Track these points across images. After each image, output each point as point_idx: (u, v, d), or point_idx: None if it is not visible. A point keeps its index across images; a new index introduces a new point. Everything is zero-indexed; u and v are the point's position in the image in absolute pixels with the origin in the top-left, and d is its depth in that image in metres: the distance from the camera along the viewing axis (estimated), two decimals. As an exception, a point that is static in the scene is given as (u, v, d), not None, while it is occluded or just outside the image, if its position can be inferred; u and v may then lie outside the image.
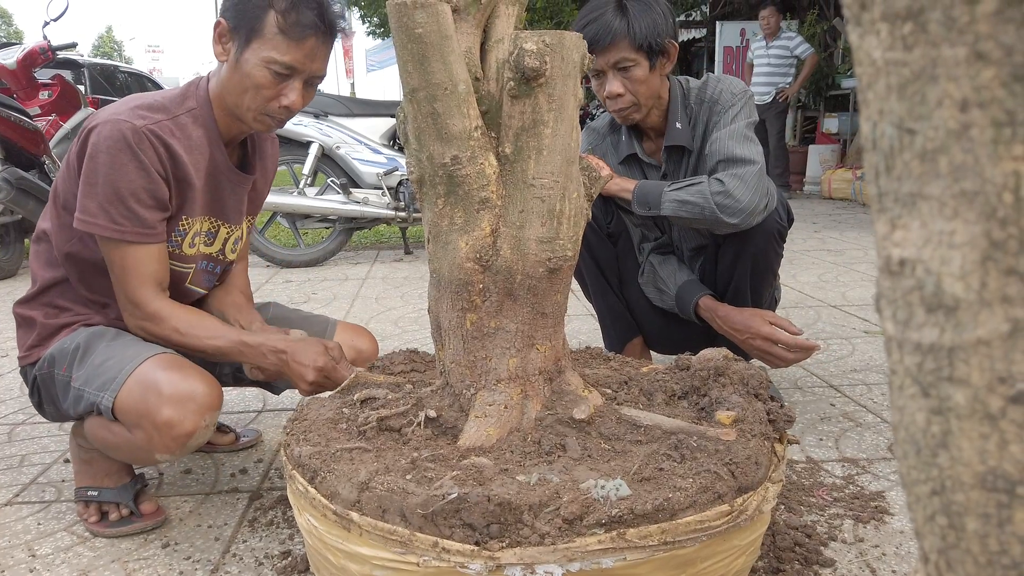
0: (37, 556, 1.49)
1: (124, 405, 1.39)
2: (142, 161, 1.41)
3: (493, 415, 1.20)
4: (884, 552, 1.42)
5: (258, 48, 1.43)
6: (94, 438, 1.53)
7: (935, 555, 0.42)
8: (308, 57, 1.46)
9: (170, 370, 1.41)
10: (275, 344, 1.50)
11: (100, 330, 1.55)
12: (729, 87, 1.92)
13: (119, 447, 1.48)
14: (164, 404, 1.36)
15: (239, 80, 1.47)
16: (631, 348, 2.22)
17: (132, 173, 1.41)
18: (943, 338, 0.37)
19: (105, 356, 1.47)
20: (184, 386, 1.39)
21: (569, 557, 0.96)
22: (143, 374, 1.40)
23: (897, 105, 0.36)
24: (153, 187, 1.44)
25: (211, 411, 1.41)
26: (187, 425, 1.37)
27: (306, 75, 1.49)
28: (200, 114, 1.53)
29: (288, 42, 1.42)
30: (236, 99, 1.49)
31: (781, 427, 1.25)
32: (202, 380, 1.42)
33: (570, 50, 1.12)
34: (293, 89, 1.48)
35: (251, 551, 1.49)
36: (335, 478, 1.10)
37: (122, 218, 1.42)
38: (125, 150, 1.40)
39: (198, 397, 1.39)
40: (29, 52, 4.83)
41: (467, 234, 1.18)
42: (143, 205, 1.44)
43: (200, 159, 1.53)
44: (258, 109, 1.49)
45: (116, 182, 1.41)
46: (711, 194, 1.77)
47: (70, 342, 1.53)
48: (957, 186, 0.35)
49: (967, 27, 0.32)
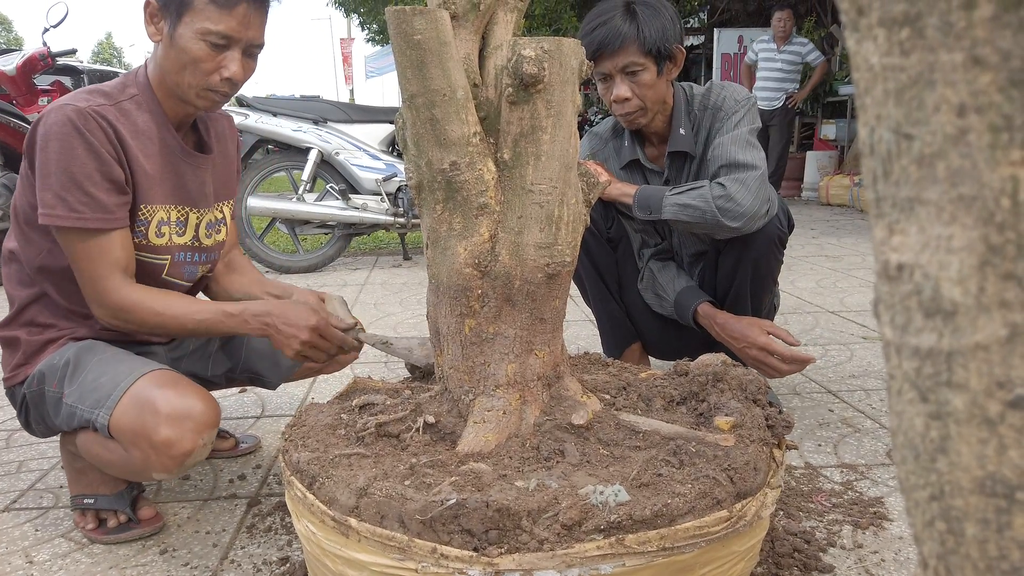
0: (34, 563, 1.48)
1: (120, 424, 1.37)
2: (91, 143, 1.38)
3: (492, 421, 1.20)
4: (883, 558, 1.42)
5: (190, 21, 1.41)
6: (88, 454, 1.51)
7: (934, 560, 0.42)
8: (242, 24, 1.43)
9: (166, 388, 1.39)
10: (257, 309, 1.47)
11: (89, 344, 1.53)
12: (732, 94, 1.93)
13: (115, 464, 1.46)
14: (161, 423, 1.34)
15: (175, 57, 1.44)
16: (630, 354, 2.22)
17: (83, 156, 1.38)
18: (941, 343, 0.37)
19: (98, 372, 1.45)
20: (181, 404, 1.37)
21: (568, 563, 0.96)
22: (138, 392, 1.38)
23: (894, 110, 0.36)
24: (106, 168, 1.41)
25: (209, 429, 1.39)
26: (185, 444, 1.35)
27: (243, 43, 1.45)
28: (143, 99, 1.50)
29: (219, 11, 1.40)
30: (176, 77, 1.46)
31: (780, 433, 1.25)
32: (199, 397, 1.40)
33: (568, 56, 1.13)
34: (232, 60, 1.45)
35: (249, 557, 1.49)
36: (333, 484, 1.09)
37: (80, 204, 1.39)
38: (73, 133, 1.37)
39: (195, 415, 1.37)
40: (29, 58, 4.83)
41: (466, 240, 1.18)
42: (100, 188, 1.40)
43: (149, 144, 1.50)
44: (199, 85, 1.46)
45: (69, 167, 1.38)
46: (713, 198, 1.77)
47: (59, 358, 1.51)
48: (955, 191, 0.35)
49: (964, 32, 0.32)
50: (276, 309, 1.47)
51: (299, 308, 1.48)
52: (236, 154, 1.79)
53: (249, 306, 1.49)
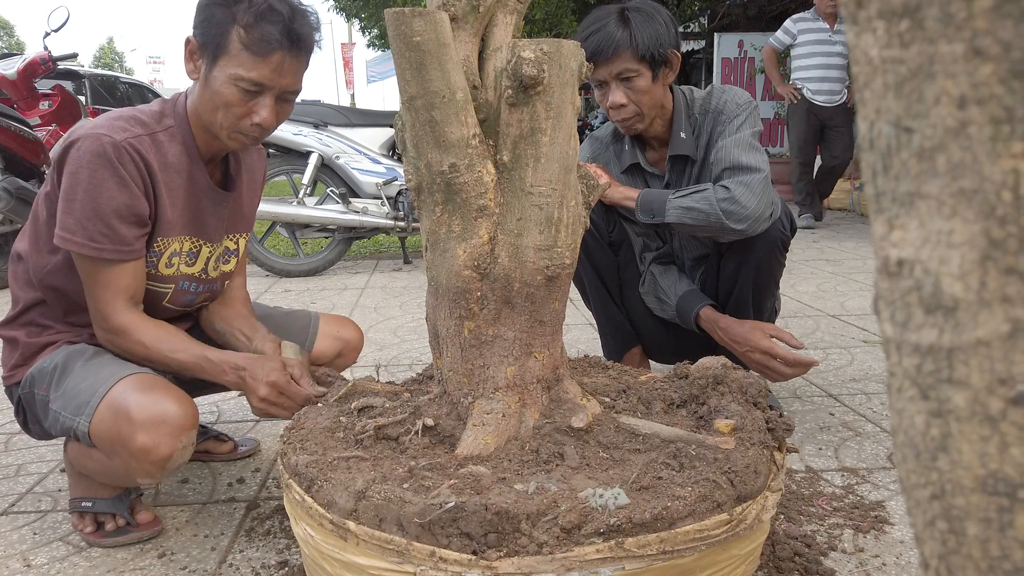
0: (32, 566, 1.48)
1: (99, 432, 1.37)
2: (123, 177, 1.39)
3: (491, 424, 1.20)
4: (884, 562, 1.41)
5: (224, 65, 1.41)
6: (77, 465, 1.51)
7: (935, 560, 0.41)
8: (276, 72, 1.42)
9: (140, 392, 1.37)
10: (235, 361, 1.47)
11: (80, 348, 1.53)
12: (734, 98, 1.93)
13: (102, 473, 1.46)
14: (137, 430, 1.32)
15: (209, 98, 1.44)
16: (630, 357, 2.21)
17: (113, 189, 1.39)
18: (942, 339, 0.36)
19: (80, 378, 1.44)
20: (155, 409, 1.35)
21: (567, 567, 0.95)
22: (114, 399, 1.37)
23: (894, 103, 0.36)
24: (134, 203, 1.41)
25: (186, 432, 1.37)
26: (163, 449, 1.34)
27: (277, 91, 1.45)
28: (178, 132, 1.50)
29: (253, 58, 1.39)
30: (209, 117, 1.47)
31: (780, 436, 1.24)
32: (174, 400, 1.38)
33: (568, 58, 1.12)
34: (264, 106, 1.45)
35: (248, 561, 1.48)
36: (332, 487, 1.09)
37: (101, 236, 1.40)
38: (106, 165, 1.38)
39: (171, 419, 1.35)
40: (30, 62, 4.84)
41: (465, 242, 1.18)
42: (124, 222, 1.41)
43: (177, 178, 1.50)
44: (231, 127, 1.46)
45: (96, 199, 1.38)
46: (717, 200, 1.77)
47: (49, 362, 1.51)
48: (955, 185, 0.34)
49: (964, 23, 0.32)
50: (250, 363, 1.46)
51: (268, 364, 1.47)
52: (261, 186, 1.80)
53: (228, 357, 1.49)
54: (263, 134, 1.50)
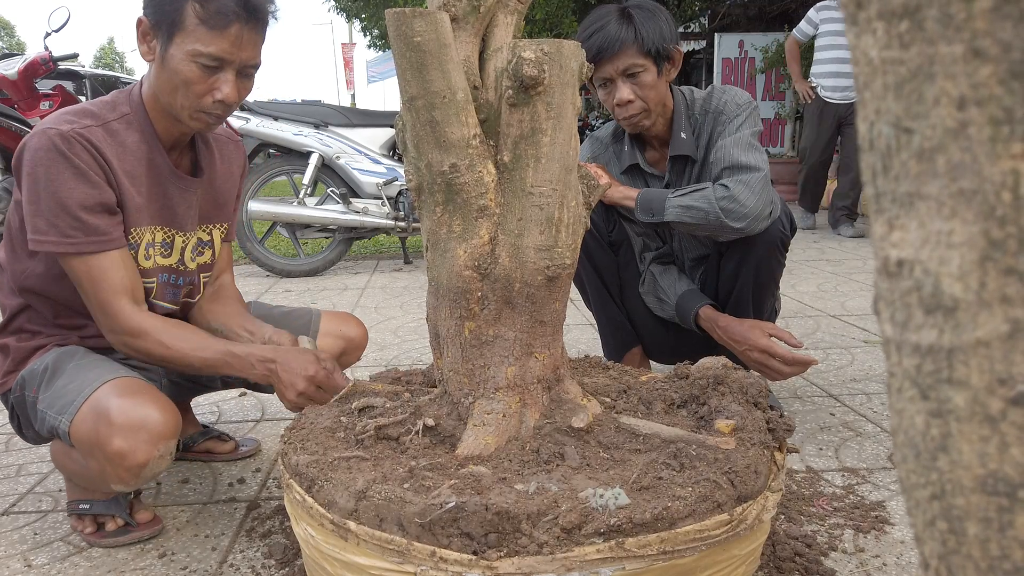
0: (33, 566, 1.48)
1: (78, 433, 1.35)
2: (78, 167, 1.36)
3: (491, 424, 1.20)
4: (885, 562, 1.41)
5: (181, 42, 1.38)
6: (58, 464, 1.48)
7: (935, 561, 0.41)
8: (234, 46, 1.40)
9: (124, 396, 1.35)
10: (263, 354, 1.45)
11: (71, 350, 1.51)
12: (734, 98, 1.93)
13: (78, 474, 1.44)
14: (115, 434, 1.30)
15: (168, 78, 1.41)
16: (630, 357, 2.21)
17: (70, 181, 1.36)
18: (942, 339, 0.37)
19: (69, 378, 1.43)
20: (136, 414, 1.32)
21: (567, 567, 0.95)
22: (97, 400, 1.35)
23: (894, 104, 0.36)
24: (96, 191, 1.38)
25: (165, 440, 1.34)
26: (139, 456, 1.31)
27: (237, 65, 1.43)
28: (135, 119, 1.48)
29: (210, 32, 1.37)
30: (168, 98, 1.44)
31: (780, 436, 1.24)
32: (156, 407, 1.36)
33: (568, 59, 1.12)
34: (225, 81, 1.42)
35: (248, 561, 1.48)
36: (332, 487, 1.09)
37: (72, 230, 1.37)
38: (58, 159, 1.35)
39: (151, 426, 1.32)
40: (31, 63, 4.84)
41: (465, 242, 1.18)
42: (91, 213, 1.38)
43: (137, 165, 1.47)
44: (192, 106, 1.43)
45: (57, 192, 1.36)
46: (716, 199, 1.77)
47: (40, 363, 1.49)
48: (955, 185, 0.34)
49: (964, 24, 0.32)
50: (281, 356, 1.45)
51: (303, 357, 1.45)
52: (240, 179, 1.76)
53: (256, 350, 1.47)
54: (226, 111, 1.47)
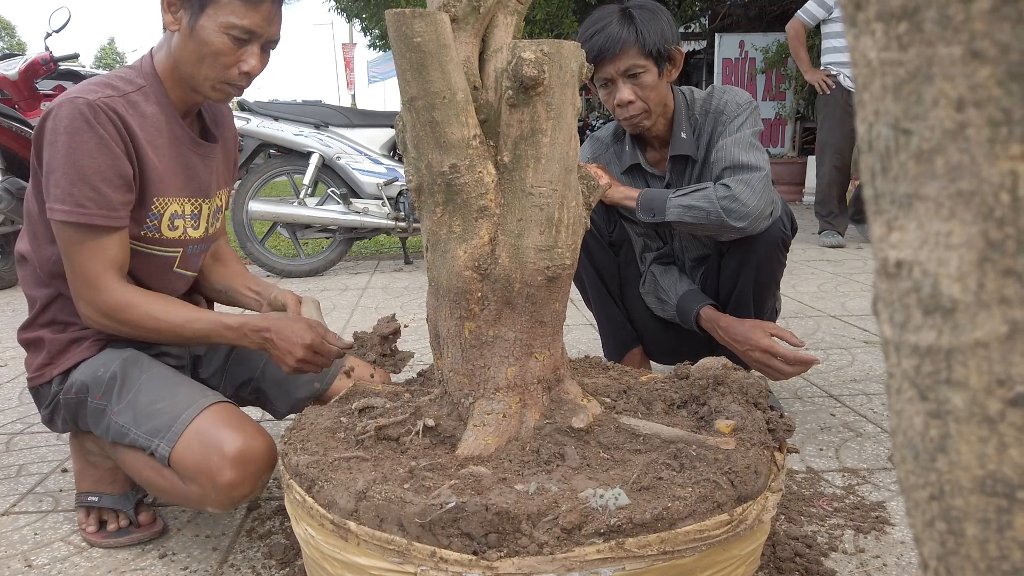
0: (33, 566, 1.48)
1: (183, 459, 1.36)
2: (102, 136, 1.37)
3: (491, 424, 1.20)
4: (885, 563, 1.41)
5: (214, 14, 1.40)
6: (137, 475, 1.47)
7: (934, 561, 0.41)
8: (266, 20, 1.44)
9: (231, 428, 1.37)
10: (257, 323, 1.46)
11: (133, 356, 1.51)
12: (734, 98, 1.93)
13: (166, 491, 1.43)
14: (227, 466, 1.33)
15: (195, 48, 1.43)
16: (630, 357, 2.21)
17: (94, 150, 1.36)
18: (941, 340, 0.37)
19: (152, 396, 1.43)
20: (247, 447, 1.35)
21: (568, 567, 0.95)
22: (203, 429, 1.37)
23: (893, 105, 0.36)
24: (117, 163, 1.39)
25: (269, 471, 1.39)
26: (246, 487, 1.35)
27: (263, 39, 1.46)
28: (150, 90, 1.48)
29: (245, 5, 1.40)
30: (192, 68, 1.45)
31: (780, 436, 1.24)
32: (263, 439, 1.39)
33: (568, 59, 1.12)
34: (252, 54, 1.45)
35: (248, 561, 1.48)
36: (332, 487, 1.09)
37: (87, 200, 1.37)
38: (84, 127, 1.35)
39: (259, 459, 1.36)
40: (31, 63, 4.84)
41: (465, 242, 1.18)
42: (109, 185, 1.38)
43: (158, 136, 1.48)
44: (216, 77, 1.45)
45: (78, 161, 1.36)
46: (717, 199, 1.77)
47: (103, 370, 1.48)
48: (954, 186, 0.34)
49: (962, 25, 0.32)
50: (275, 325, 1.46)
51: (296, 325, 1.47)
52: (234, 140, 1.78)
53: (248, 320, 1.47)
54: (247, 83, 1.50)
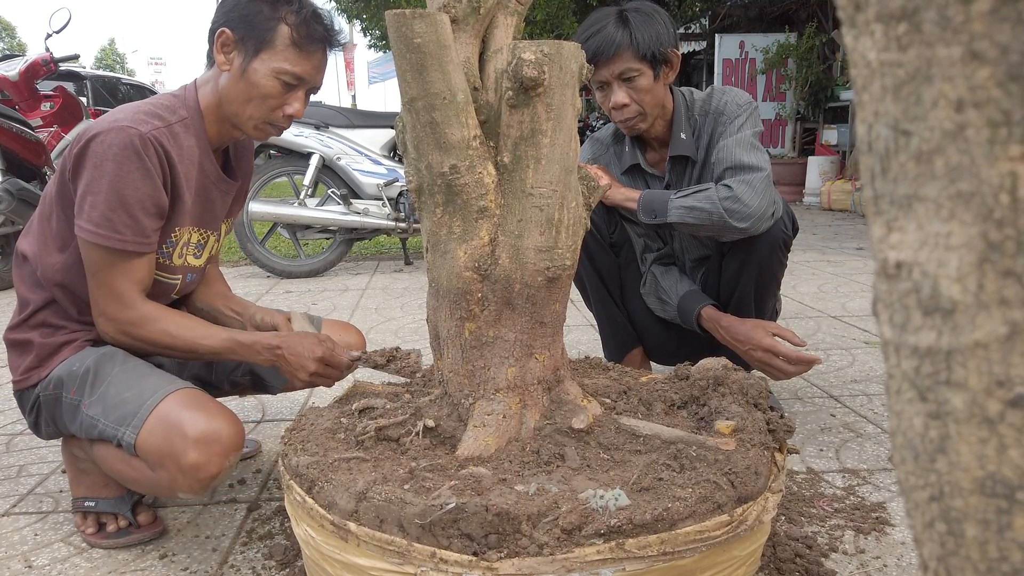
0: (33, 567, 1.48)
1: (147, 445, 1.37)
2: (148, 168, 1.41)
3: (491, 425, 1.20)
4: (885, 563, 1.41)
5: (268, 59, 1.47)
6: (109, 468, 1.49)
7: (934, 562, 0.41)
8: (316, 69, 1.53)
9: (194, 409, 1.39)
10: (269, 341, 1.51)
11: (109, 352, 1.53)
12: (734, 98, 1.93)
13: (138, 481, 1.45)
14: (190, 447, 1.34)
15: (244, 89, 1.49)
16: (631, 358, 2.21)
17: (138, 181, 1.41)
18: (940, 341, 0.37)
19: (121, 386, 1.45)
20: (209, 427, 1.36)
21: (568, 568, 0.95)
22: (166, 413, 1.38)
23: (892, 106, 0.36)
24: (156, 194, 1.44)
25: (235, 451, 1.39)
26: (212, 468, 1.35)
27: (310, 85, 1.54)
28: (191, 124, 1.53)
29: (299, 54, 1.48)
30: (238, 108, 1.51)
31: (781, 437, 1.24)
32: (226, 420, 1.40)
33: (568, 60, 1.12)
34: (298, 99, 1.53)
35: (248, 562, 1.48)
36: (333, 488, 1.09)
37: (124, 227, 1.41)
38: (133, 157, 1.39)
39: (223, 439, 1.37)
40: (31, 64, 4.84)
41: (465, 243, 1.18)
42: (147, 214, 1.43)
43: (191, 169, 1.53)
44: (261, 117, 1.52)
45: (122, 189, 1.40)
46: (719, 199, 1.77)
47: (79, 365, 1.50)
48: (953, 187, 0.34)
49: (962, 26, 0.32)
50: (286, 341, 1.51)
51: (307, 340, 1.52)
52: (250, 174, 1.83)
53: (260, 337, 1.52)
54: (288, 125, 1.57)
